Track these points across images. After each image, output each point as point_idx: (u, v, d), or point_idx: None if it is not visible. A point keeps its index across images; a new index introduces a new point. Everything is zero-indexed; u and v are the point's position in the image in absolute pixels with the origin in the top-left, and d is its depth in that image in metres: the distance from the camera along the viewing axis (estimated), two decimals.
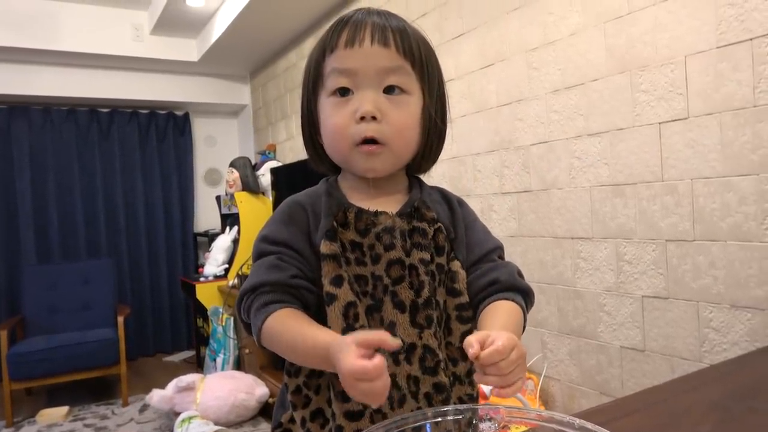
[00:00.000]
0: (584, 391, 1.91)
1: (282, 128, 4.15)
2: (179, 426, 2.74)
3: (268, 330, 0.65)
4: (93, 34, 3.80)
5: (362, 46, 0.67)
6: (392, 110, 0.68)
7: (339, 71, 0.68)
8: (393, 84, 0.68)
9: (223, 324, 3.55)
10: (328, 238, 0.69)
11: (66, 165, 4.35)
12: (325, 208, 0.72)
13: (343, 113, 0.69)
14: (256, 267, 0.70)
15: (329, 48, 0.70)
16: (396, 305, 0.70)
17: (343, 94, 0.69)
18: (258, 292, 0.67)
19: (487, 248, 0.78)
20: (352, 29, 0.68)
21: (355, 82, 0.68)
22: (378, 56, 0.67)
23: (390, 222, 0.72)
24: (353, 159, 0.70)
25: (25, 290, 3.73)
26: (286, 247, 0.70)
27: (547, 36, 1.95)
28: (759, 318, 1.40)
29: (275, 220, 0.74)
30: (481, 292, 0.74)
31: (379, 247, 0.70)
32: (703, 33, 1.49)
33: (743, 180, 1.42)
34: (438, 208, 0.77)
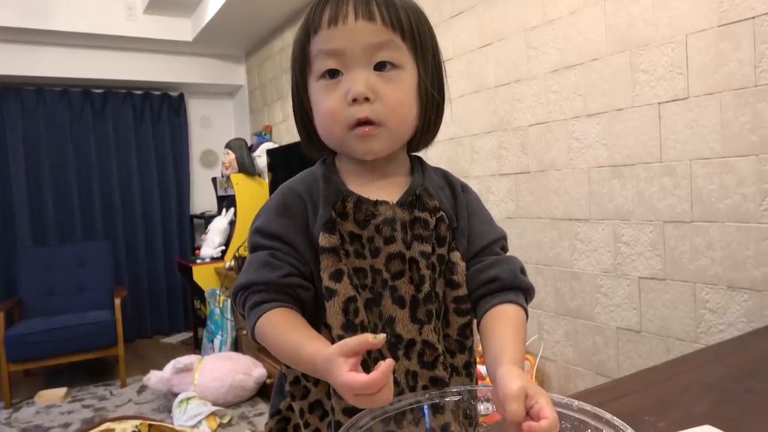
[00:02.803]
0: (580, 371, 1.93)
1: (278, 109, 4.11)
2: (177, 407, 2.76)
3: (260, 331, 0.64)
4: (85, 13, 3.74)
5: (346, 23, 0.63)
6: (385, 88, 0.65)
7: (325, 52, 0.65)
8: (383, 60, 0.65)
9: (220, 306, 3.55)
10: (327, 230, 0.66)
11: (60, 146, 4.31)
12: (322, 197, 0.69)
13: (334, 96, 0.65)
14: (249, 262, 0.68)
15: (312, 28, 0.66)
16: (395, 300, 0.67)
17: (333, 76, 0.65)
18: (250, 291, 0.66)
19: (489, 239, 0.74)
20: (334, 6, 0.64)
21: (343, 62, 0.65)
22: (364, 32, 0.64)
23: (390, 213, 0.68)
24: (349, 143, 0.67)
25: (21, 273, 3.73)
26: (279, 241, 0.67)
27: (546, 15, 1.92)
28: (755, 299, 1.41)
29: (269, 210, 0.70)
30: (480, 288, 0.71)
31: (379, 240, 0.68)
32: (704, 11, 1.47)
33: (742, 161, 1.41)
34: (440, 194, 0.74)
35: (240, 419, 2.82)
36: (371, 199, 0.69)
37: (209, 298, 3.65)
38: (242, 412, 2.89)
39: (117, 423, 2.26)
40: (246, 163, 3.80)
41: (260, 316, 0.63)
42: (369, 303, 0.67)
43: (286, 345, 0.61)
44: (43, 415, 3.06)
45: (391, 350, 0.66)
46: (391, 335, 0.66)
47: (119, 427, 2.21)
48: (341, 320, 0.65)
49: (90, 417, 2.99)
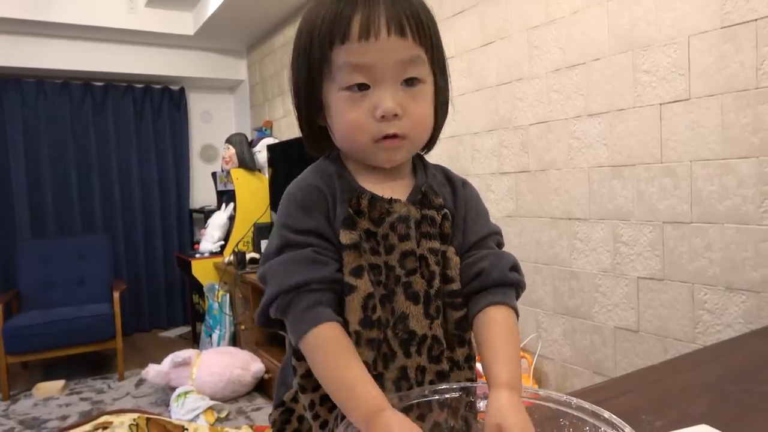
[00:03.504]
0: (577, 370, 1.93)
1: (279, 105, 4.11)
2: (175, 401, 2.76)
3: (311, 343, 0.61)
4: (87, 5, 3.73)
5: (378, 39, 0.61)
6: (412, 103, 0.65)
7: (354, 66, 0.63)
8: (412, 77, 0.65)
9: (219, 300, 3.55)
10: (347, 226, 0.66)
11: (60, 139, 4.30)
12: (339, 193, 0.68)
13: (360, 109, 0.64)
14: (290, 260, 0.64)
15: (339, 37, 0.62)
16: (409, 296, 0.68)
17: (360, 89, 0.64)
18: (301, 291, 0.62)
19: (483, 233, 0.74)
20: (365, 17, 0.61)
21: (371, 77, 0.63)
22: (396, 49, 0.62)
23: (405, 210, 0.69)
24: (373, 153, 0.67)
25: (20, 265, 3.73)
26: (315, 236, 0.66)
27: (549, 14, 1.92)
28: (753, 300, 1.41)
29: (294, 206, 0.67)
30: (470, 282, 0.71)
31: (393, 237, 0.68)
32: (707, 13, 1.47)
33: (743, 162, 1.42)
34: (443, 191, 0.74)
35: (237, 414, 2.82)
36: (385, 197, 0.69)
37: (208, 292, 3.65)
38: (240, 407, 2.90)
39: (115, 416, 2.26)
40: (246, 158, 3.80)
41: (314, 326, 0.61)
42: (383, 299, 0.67)
43: (337, 374, 0.59)
44: (41, 407, 3.06)
45: (404, 346, 0.67)
46: (404, 331, 0.67)
47: (117, 420, 2.21)
48: (360, 316, 0.65)
49: (88, 410, 2.99)
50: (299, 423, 0.73)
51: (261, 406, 2.92)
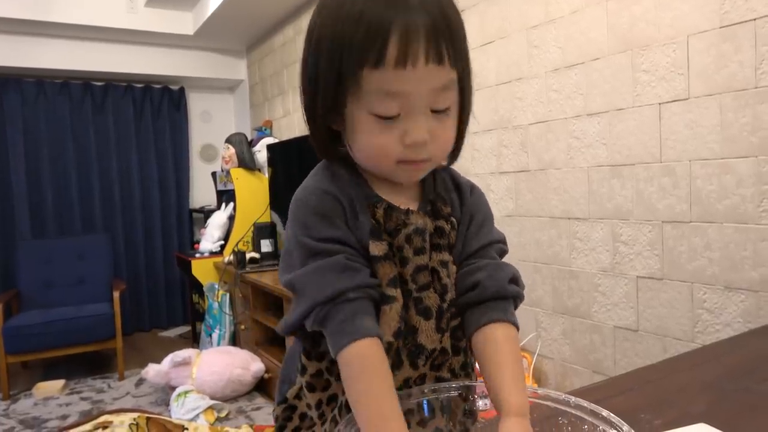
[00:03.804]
0: (577, 369, 1.94)
1: (278, 104, 4.11)
2: (175, 400, 2.77)
3: (347, 361, 0.58)
4: (86, 5, 3.73)
5: (416, 67, 0.56)
6: (440, 129, 0.62)
7: (387, 94, 0.58)
8: (445, 106, 0.61)
9: (218, 300, 3.55)
10: (375, 237, 0.64)
11: (60, 139, 4.31)
12: (356, 200, 0.65)
13: (389, 136, 0.60)
14: (320, 270, 0.61)
15: (373, 60, 0.56)
16: (420, 311, 0.66)
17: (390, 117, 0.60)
18: (338, 301, 0.59)
19: (485, 241, 0.71)
20: (403, 42, 0.55)
21: (404, 105, 0.59)
22: (432, 77, 0.58)
23: (421, 222, 0.67)
24: (393, 172, 0.64)
25: (20, 265, 3.73)
26: (341, 244, 0.62)
27: (548, 13, 1.92)
28: (752, 299, 1.42)
29: (312, 213, 0.63)
30: (465, 293, 0.68)
31: (408, 250, 0.66)
32: (706, 12, 1.47)
33: (742, 162, 1.42)
34: (451, 197, 0.72)
35: (237, 413, 2.83)
36: (401, 207, 0.67)
37: (208, 292, 3.65)
38: (240, 407, 2.90)
39: (115, 416, 2.26)
40: (246, 158, 3.80)
41: (355, 340, 0.58)
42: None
43: (372, 400, 0.57)
44: (41, 407, 3.07)
45: (411, 357, 0.66)
46: (413, 344, 0.66)
47: (117, 419, 2.22)
48: (395, 327, 0.64)
49: (88, 409, 2.99)
50: (301, 420, 0.73)
51: (261, 406, 2.92)
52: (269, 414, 2.81)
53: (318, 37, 0.62)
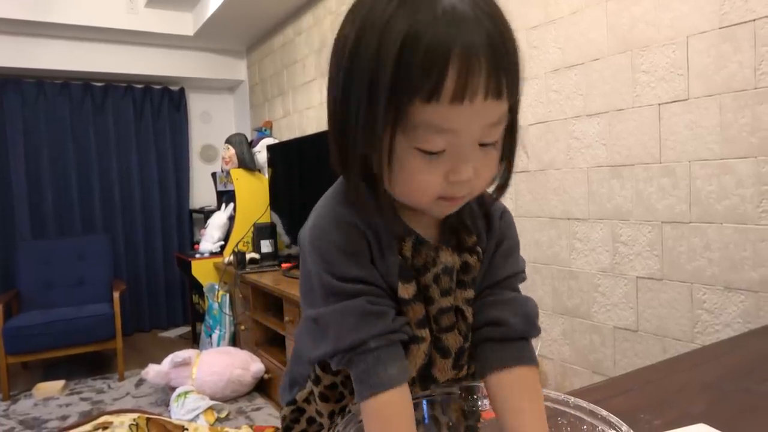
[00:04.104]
0: (577, 370, 1.94)
1: (278, 105, 4.11)
2: (175, 401, 2.77)
3: (368, 413, 0.56)
4: (86, 5, 3.73)
5: (473, 103, 0.49)
6: (484, 165, 0.56)
7: (438, 130, 0.51)
8: (494, 141, 0.55)
9: (218, 300, 3.56)
10: (405, 279, 0.60)
11: (60, 139, 4.31)
12: (386, 239, 0.60)
13: (433, 172, 0.54)
14: (340, 313, 0.57)
15: (426, 93, 0.49)
16: (439, 350, 0.63)
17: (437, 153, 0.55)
18: (358, 351, 0.56)
19: (509, 272, 0.67)
20: (462, 74, 0.48)
21: (453, 142, 0.52)
22: (488, 112, 0.52)
23: (450, 261, 0.63)
24: (429, 208, 0.58)
25: (20, 266, 3.73)
26: (366, 284, 0.58)
27: (548, 14, 1.92)
28: (752, 300, 1.42)
29: (335, 249, 0.58)
30: (486, 327, 0.64)
31: (435, 290, 0.62)
32: (705, 13, 1.47)
33: (741, 162, 1.42)
34: (478, 224, 0.66)
35: (237, 414, 2.83)
36: (428, 239, 0.63)
37: (208, 292, 3.65)
38: (240, 407, 2.90)
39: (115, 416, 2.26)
40: (246, 159, 3.80)
41: (376, 393, 0.56)
42: None
43: None
44: (41, 407, 3.07)
45: (423, 383, 0.64)
46: (426, 375, 0.65)
47: (117, 420, 2.22)
48: (420, 364, 0.63)
49: (88, 410, 2.99)
50: (308, 424, 0.73)
51: (261, 406, 2.92)
52: (269, 414, 2.81)
53: (354, 54, 0.52)
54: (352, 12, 0.54)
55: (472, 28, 0.49)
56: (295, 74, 3.79)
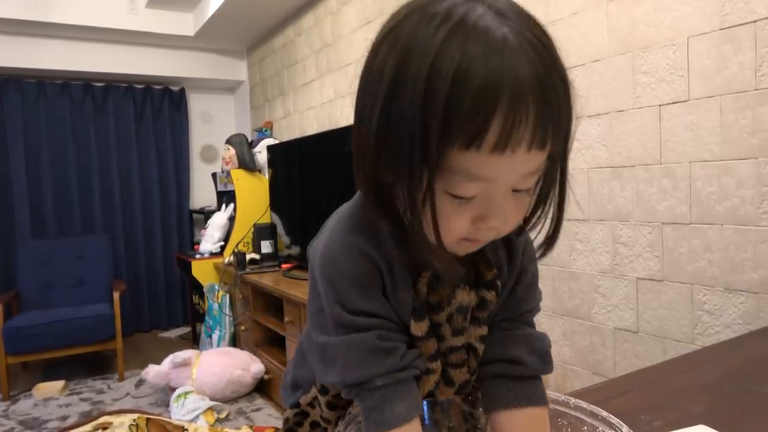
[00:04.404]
0: (577, 371, 1.93)
1: (279, 105, 4.11)
2: (175, 401, 2.77)
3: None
4: (87, 6, 3.74)
5: (515, 153, 0.45)
6: (514, 210, 0.52)
7: (473, 178, 0.47)
8: (527, 186, 0.52)
9: (218, 301, 3.56)
10: (418, 317, 0.58)
11: (60, 140, 4.31)
12: (400, 271, 0.57)
13: (461, 217, 0.50)
14: (349, 347, 0.55)
15: (466, 139, 0.44)
16: (445, 381, 0.62)
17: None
18: (365, 387, 0.55)
19: (525, 308, 0.65)
20: (509, 119, 0.43)
21: (486, 189, 0.49)
22: (529, 163, 0.47)
23: (467, 299, 0.60)
24: (452, 247, 0.54)
25: (20, 266, 3.73)
26: (378, 318, 0.56)
27: (548, 15, 1.92)
28: (752, 301, 1.42)
29: (347, 281, 0.56)
30: (500, 363, 0.62)
31: (447, 329, 0.60)
32: (706, 14, 1.47)
33: (742, 164, 1.42)
34: (498, 255, 0.62)
35: (237, 414, 2.83)
36: (447, 279, 0.60)
37: (208, 293, 3.65)
38: (240, 408, 2.90)
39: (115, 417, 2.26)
40: (246, 159, 3.80)
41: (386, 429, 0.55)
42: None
43: None
44: (41, 407, 3.07)
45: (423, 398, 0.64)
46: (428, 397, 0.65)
47: (117, 420, 2.22)
48: (426, 391, 0.62)
49: (88, 410, 2.99)
50: (312, 428, 0.73)
51: (261, 407, 2.92)
52: (269, 415, 2.81)
53: (395, 84, 0.46)
54: (387, 36, 0.49)
55: (523, 67, 0.44)
56: (296, 75, 3.79)
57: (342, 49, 3.19)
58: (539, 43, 0.46)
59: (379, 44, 0.49)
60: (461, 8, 0.45)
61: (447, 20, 0.44)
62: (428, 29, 0.45)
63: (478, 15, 0.45)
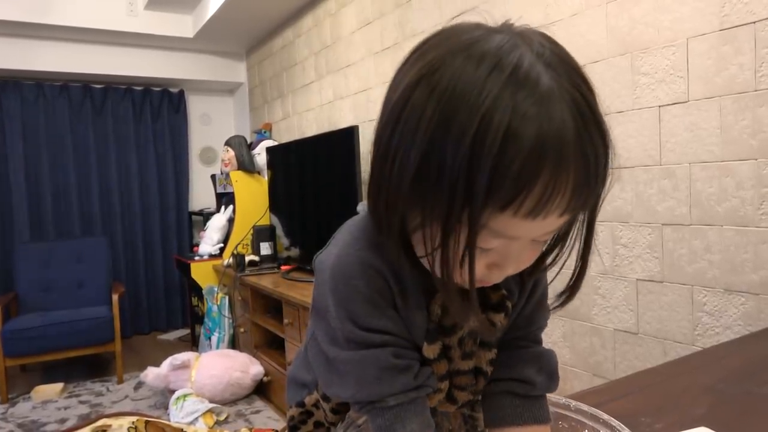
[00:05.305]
0: (577, 372, 1.93)
1: (278, 107, 4.11)
2: (174, 403, 2.76)
3: None
4: (86, 8, 3.74)
5: (546, 219, 0.44)
6: (528, 257, 0.52)
7: (498, 235, 0.46)
8: (546, 238, 0.51)
9: (218, 303, 3.55)
10: (431, 340, 0.57)
11: (59, 141, 4.31)
12: (414, 292, 0.56)
13: (478, 265, 0.49)
14: (361, 363, 0.54)
15: (501, 203, 0.42)
16: (449, 398, 0.62)
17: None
18: (376, 406, 0.54)
19: (536, 326, 0.65)
20: (549, 188, 0.42)
21: (507, 244, 0.48)
22: (557, 223, 0.46)
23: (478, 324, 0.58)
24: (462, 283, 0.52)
25: (19, 268, 3.72)
26: (390, 335, 0.55)
27: (548, 16, 1.92)
28: (753, 302, 1.41)
29: (360, 299, 0.54)
30: (509, 381, 0.62)
31: (456, 352, 0.60)
32: (706, 15, 1.47)
33: (741, 164, 1.42)
34: (509, 279, 0.58)
35: (237, 416, 2.82)
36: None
37: (207, 295, 3.65)
38: (239, 410, 2.90)
39: (113, 419, 2.26)
40: (245, 161, 3.80)
41: None
42: None
43: None
44: (40, 410, 3.06)
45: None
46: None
47: (116, 423, 2.21)
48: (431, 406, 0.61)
49: (86, 413, 2.99)
50: (315, 428, 0.73)
51: (260, 409, 2.91)
52: (268, 417, 2.81)
53: (436, 134, 0.43)
54: (426, 74, 0.45)
55: (569, 130, 0.42)
56: (295, 76, 3.79)
57: (341, 50, 3.19)
58: (584, 101, 0.44)
59: (416, 82, 0.45)
60: (512, 54, 0.43)
61: (498, 68, 0.42)
62: (476, 74, 0.42)
63: (529, 65, 0.42)
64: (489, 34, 0.47)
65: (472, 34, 0.47)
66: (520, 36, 0.46)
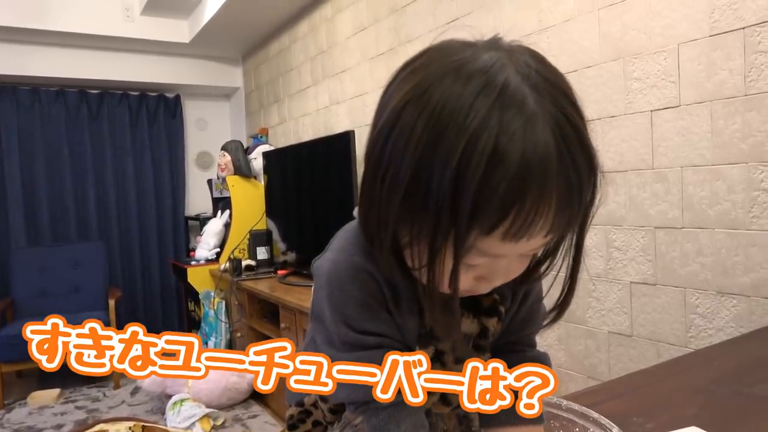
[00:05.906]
0: (572, 375, 1.94)
1: (274, 112, 4.12)
2: (171, 408, 2.76)
3: None
4: (82, 13, 3.74)
5: (530, 240, 0.46)
6: (516, 270, 0.54)
7: (484, 254, 0.47)
8: (531, 253, 0.53)
9: (214, 308, 3.55)
10: (423, 345, 0.59)
11: (55, 147, 4.30)
12: (406, 297, 0.57)
13: (466, 277, 0.51)
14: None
15: (484, 226, 0.44)
16: (443, 401, 0.63)
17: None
18: (371, 406, 0.55)
19: (530, 329, 0.66)
20: (531, 214, 0.43)
21: (495, 261, 0.50)
22: (542, 241, 0.48)
23: (470, 328, 0.61)
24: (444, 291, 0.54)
25: (15, 273, 3.72)
26: (383, 336, 0.56)
27: (541, 22, 1.94)
28: (744, 304, 1.43)
29: (354, 302, 0.56)
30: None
31: (449, 357, 0.60)
32: (696, 21, 1.49)
33: (732, 168, 1.44)
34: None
35: (234, 421, 2.82)
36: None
37: (203, 299, 3.65)
38: (236, 414, 2.90)
39: (110, 424, 2.26)
40: (242, 165, 3.81)
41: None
42: None
43: None
44: (36, 416, 3.05)
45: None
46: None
47: (112, 428, 2.21)
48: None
49: (83, 418, 2.98)
50: (313, 426, 0.74)
51: (257, 414, 2.91)
52: (265, 422, 2.81)
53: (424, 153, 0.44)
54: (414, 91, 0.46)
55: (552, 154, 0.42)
56: (291, 81, 3.81)
57: (337, 55, 3.21)
58: (568, 124, 0.44)
59: (406, 102, 0.46)
60: (499, 76, 0.43)
61: (485, 90, 0.43)
62: (464, 95, 0.43)
63: (515, 86, 0.43)
64: (477, 54, 0.46)
65: (461, 55, 0.46)
66: (509, 55, 0.46)
